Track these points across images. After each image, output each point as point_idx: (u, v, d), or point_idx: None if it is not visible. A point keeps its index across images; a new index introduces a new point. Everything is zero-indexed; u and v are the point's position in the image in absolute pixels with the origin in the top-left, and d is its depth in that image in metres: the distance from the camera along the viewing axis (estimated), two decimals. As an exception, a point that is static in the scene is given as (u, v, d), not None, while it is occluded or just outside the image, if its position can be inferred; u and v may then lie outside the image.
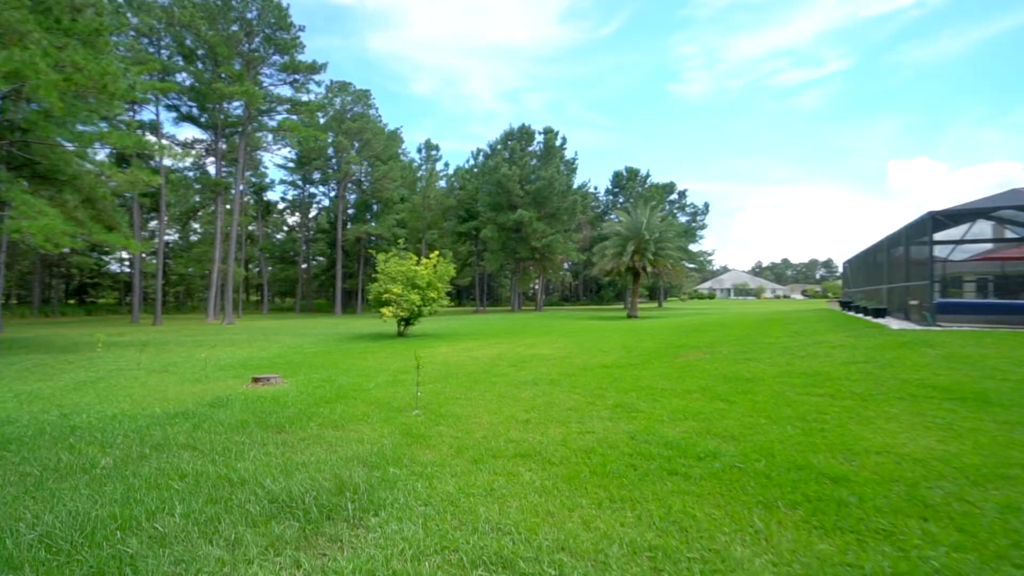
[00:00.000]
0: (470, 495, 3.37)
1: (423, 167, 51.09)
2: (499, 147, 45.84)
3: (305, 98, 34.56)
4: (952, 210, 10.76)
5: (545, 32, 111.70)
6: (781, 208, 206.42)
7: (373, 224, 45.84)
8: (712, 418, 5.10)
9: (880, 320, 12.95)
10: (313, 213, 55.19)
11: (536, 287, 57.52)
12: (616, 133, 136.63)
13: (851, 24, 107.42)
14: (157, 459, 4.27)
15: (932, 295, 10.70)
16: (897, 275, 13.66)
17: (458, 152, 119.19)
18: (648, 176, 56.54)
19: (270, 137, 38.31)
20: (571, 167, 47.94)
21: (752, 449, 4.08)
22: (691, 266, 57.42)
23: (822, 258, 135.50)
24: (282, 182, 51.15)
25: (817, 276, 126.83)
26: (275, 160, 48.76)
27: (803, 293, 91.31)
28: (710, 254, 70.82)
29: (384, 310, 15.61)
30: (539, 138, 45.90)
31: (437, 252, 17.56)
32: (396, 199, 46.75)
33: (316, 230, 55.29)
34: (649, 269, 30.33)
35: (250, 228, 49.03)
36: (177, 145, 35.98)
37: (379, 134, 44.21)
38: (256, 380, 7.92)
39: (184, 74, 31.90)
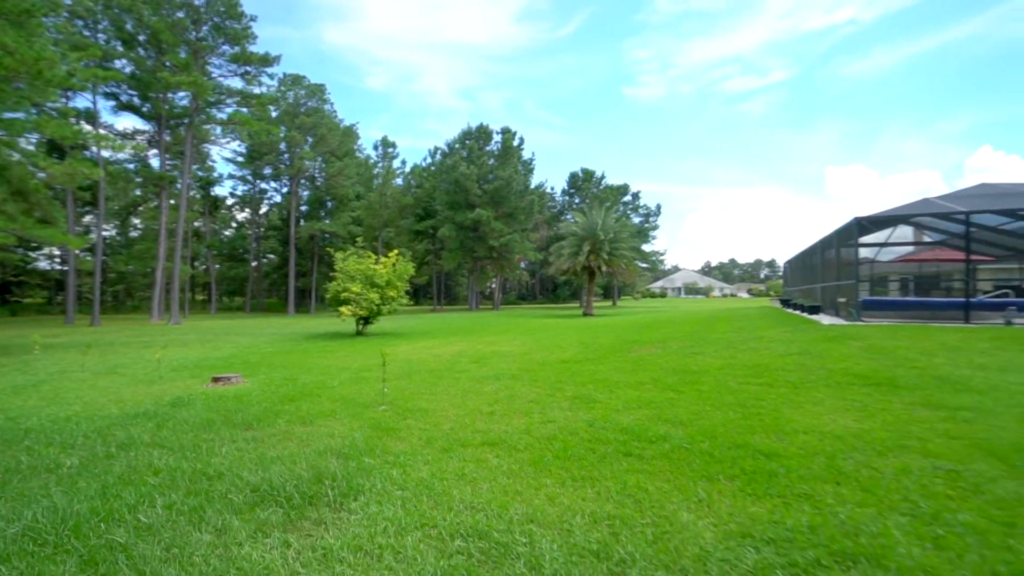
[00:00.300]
0: (443, 479, 3.63)
1: (380, 164, 50.37)
2: (457, 146, 45.86)
3: (257, 91, 33.44)
4: (875, 216, 11.81)
5: (503, 31, 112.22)
6: (729, 210, 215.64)
7: (327, 221, 44.91)
8: (663, 406, 5.53)
9: (814, 316, 13.99)
10: (264, 209, 53.40)
11: (493, 286, 57.87)
12: (572, 134, 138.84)
13: (793, 36, 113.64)
14: (126, 457, 4.29)
15: (858, 293, 11.71)
16: (829, 275, 14.79)
17: (415, 149, 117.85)
18: (603, 177, 57.97)
19: (219, 130, 36.81)
20: (528, 167, 48.53)
21: (698, 432, 4.51)
22: (644, 266, 59.19)
23: (766, 258, 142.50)
24: (231, 177, 48.99)
25: (762, 275, 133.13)
26: (224, 154, 46.85)
27: (749, 292, 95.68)
28: (662, 254, 73.34)
29: (343, 309, 15.49)
30: (497, 138, 46.22)
31: (396, 251, 17.54)
32: (351, 196, 45.93)
33: (267, 227, 53.50)
34: (604, 268, 31.21)
35: (196, 224, 46.95)
36: (116, 135, 34.08)
37: (334, 130, 43.34)
38: (216, 380, 7.84)
39: (124, 61, 30.28)
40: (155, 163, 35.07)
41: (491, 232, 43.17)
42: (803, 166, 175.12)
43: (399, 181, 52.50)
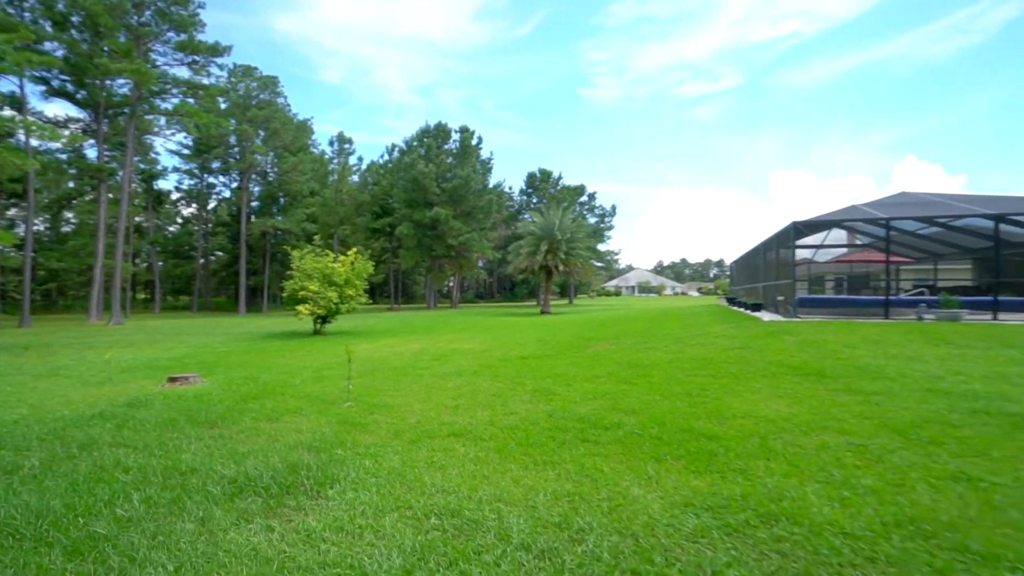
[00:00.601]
0: (414, 467, 3.85)
1: (335, 160, 49.35)
2: (415, 144, 45.52)
3: (207, 81, 32.10)
4: (810, 221, 12.75)
5: (460, 28, 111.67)
6: (681, 211, 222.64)
7: (280, 218, 43.61)
8: (617, 397, 5.93)
9: (756, 313, 14.92)
10: (212, 205, 51.29)
11: (451, 284, 57.77)
12: (530, 134, 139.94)
13: (741, 46, 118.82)
14: (90, 457, 4.28)
15: (794, 292, 12.62)
16: (770, 275, 15.79)
17: (371, 145, 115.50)
18: (560, 178, 58.89)
19: (163, 121, 35.16)
20: (487, 167, 48.72)
21: (648, 419, 4.91)
22: (599, 265, 60.63)
23: (715, 258, 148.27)
24: (176, 170, 46.77)
25: (711, 275, 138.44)
26: (168, 146, 44.47)
27: (699, 290, 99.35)
28: (617, 253, 75.31)
29: (300, 308, 15.28)
30: (455, 137, 46.19)
31: (355, 249, 17.41)
32: (306, 192, 44.79)
33: (216, 223, 51.38)
34: (561, 268, 31.88)
35: (138, 219, 44.57)
36: (46, 123, 31.94)
37: (288, 124, 42.14)
38: (173, 380, 7.71)
39: (54, 44, 28.38)
40: (91, 154, 33.11)
41: (449, 231, 43.15)
42: (750, 170, 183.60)
43: (355, 178, 51.61)
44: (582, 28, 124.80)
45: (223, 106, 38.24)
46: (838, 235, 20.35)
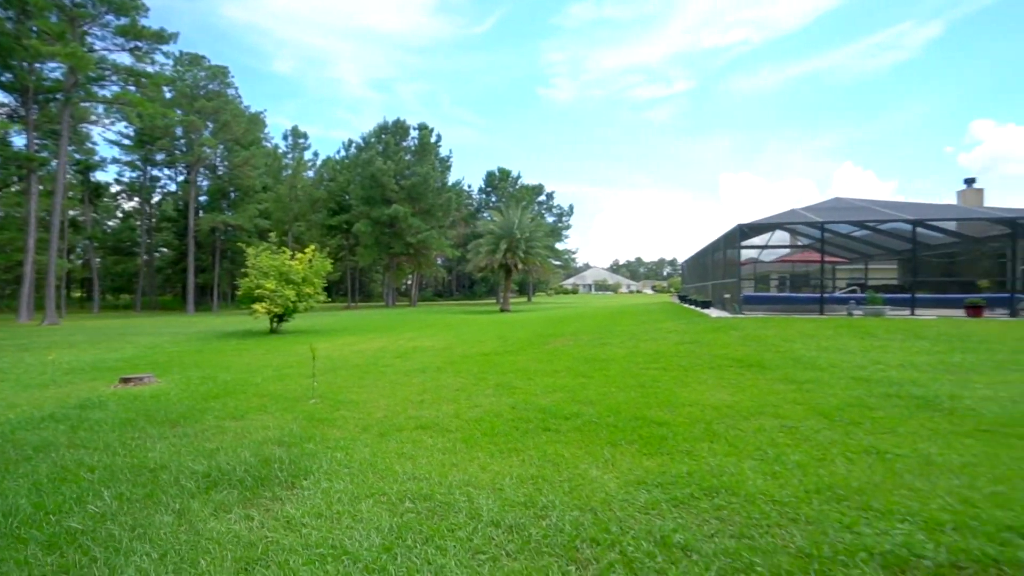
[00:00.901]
0: (385, 458, 4.03)
1: (290, 155, 47.93)
2: (373, 140, 44.83)
3: (150, 69, 30.54)
4: (754, 223, 13.56)
5: (418, 22, 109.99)
6: (636, 211, 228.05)
7: (231, 214, 42.00)
8: (576, 389, 6.26)
9: (705, 310, 15.70)
10: (157, 199, 48.71)
11: (410, 282, 57.23)
12: (488, 132, 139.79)
13: (694, 51, 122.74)
14: (48, 459, 4.22)
15: (740, 290, 13.39)
16: (718, 274, 16.64)
17: (325, 139, 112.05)
18: (519, 177, 59.32)
19: (101, 109, 33.18)
20: (445, 164, 48.54)
21: (605, 409, 5.25)
22: (557, 264, 61.40)
23: (669, 257, 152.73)
24: (116, 161, 43.97)
25: (665, 273, 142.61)
26: (107, 136, 41.75)
27: (653, 288, 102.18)
28: (574, 252, 76.53)
29: (256, 306, 14.94)
30: (414, 134, 45.80)
31: (313, 246, 17.14)
32: (258, 188, 43.30)
33: (161, 218, 48.88)
34: (520, 266, 32.28)
35: (73, 213, 41.88)
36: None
37: (239, 116, 40.58)
38: (126, 380, 7.50)
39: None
40: (19, 142, 30.95)
41: (408, 228, 42.77)
42: (701, 171, 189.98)
43: (310, 173, 50.31)
44: (541, 28, 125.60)
45: (168, 96, 36.46)
46: (781, 236, 21.60)
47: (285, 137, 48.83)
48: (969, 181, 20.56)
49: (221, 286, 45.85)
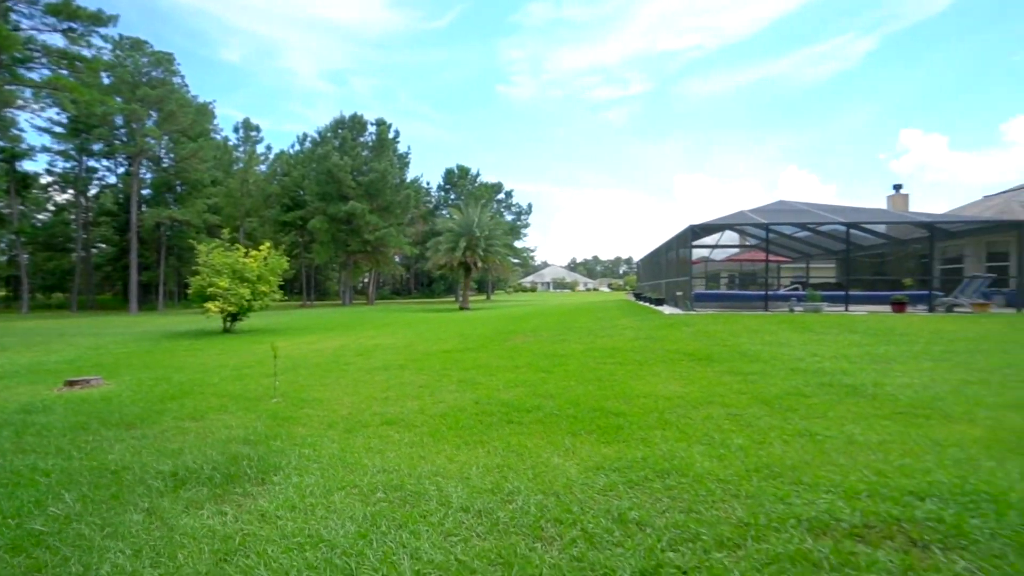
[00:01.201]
0: (353, 453, 4.12)
1: (241, 148, 46.16)
2: (329, 135, 43.83)
3: (86, 52, 28.75)
4: (704, 224, 14.24)
5: (374, 14, 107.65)
6: (594, 210, 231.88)
7: (177, 208, 40.07)
8: (536, 384, 6.50)
9: (659, 307, 16.34)
10: (94, 191, 45.83)
11: (367, 280, 56.31)
12: (447, 128, 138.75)
13: (650, 54, 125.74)
14: (-4, 463, 4.08)
15: (691, 288, 14.04)
16: (671, 272, 17.32)
17: (278, 132, 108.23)
18: (478, 175, 59.38)
19: (29, 93, 30.95)
20: (404, 161, 48.06)
21: (565, 402, 5.50)
22: (516, 262, 61.84)
23: (625, 255, 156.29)
24: (46, 150, 41.01)
25: (621, 271, 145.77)
26: (36, 122, 38.87)
27: (609, 286, 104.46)
28: (533, 251, 77.16)
29: (209, 305, 14.45)
30: (371, 129, 45.12)
31: (268, 243, 16.72)
32: (207, 182, 41.44)
33: (99, 212, 45.97)
34: (480, 264, 32.41)
35: (-2, 206, 38.90)
36: None
37: (186, 106, 38.69)
38: (71, 383, 7.19)
39: None
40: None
41: (366, 225, 42.11)
42: (657, 172, 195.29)
43: (263, 167, 48.62)
44: (500, 25, 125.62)
45: (107, 82, 34.42)
46: (731, 236, 22.64)
47: (236, 129, 47.08)
48: (897, 187, 22.18)
49: (167, 284, 43.71)
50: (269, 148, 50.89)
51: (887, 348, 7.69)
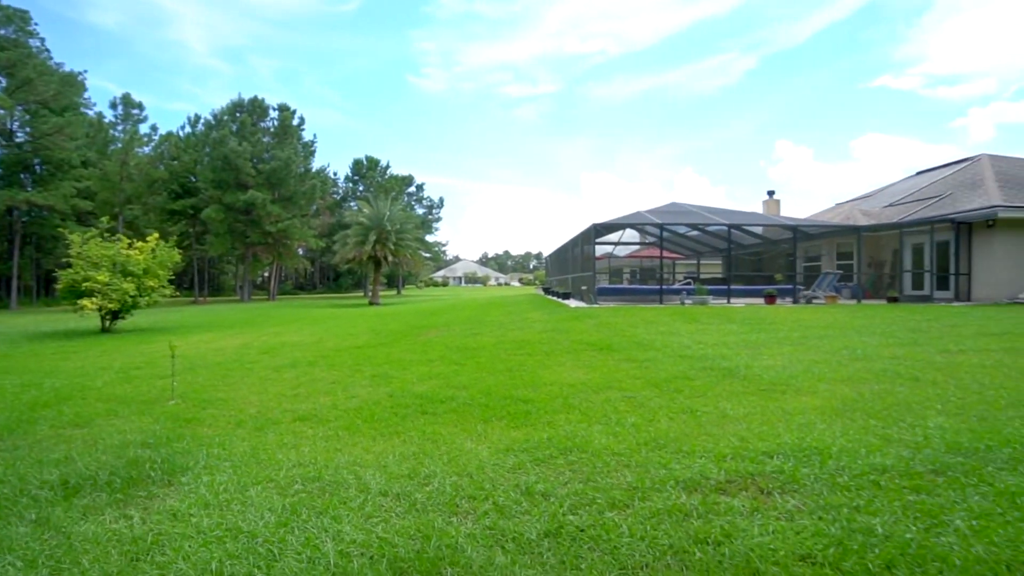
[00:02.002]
0: (266, 449, 4.10)
1: (120, 126, 41.18)
2: (226, 118, 40.52)
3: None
4: (606, 223, 15.19)
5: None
6: (504, 205, 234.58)
7: (32, 190, 34.95)
8: (449, 376, 6.71)
9: (566, 301, 17.17)
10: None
11: (268, 275, 52.92)
12: (356, 117, 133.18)
13: (559, 56, 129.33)
14: None
15: (595, 283, 14.93)
16: (577, 267, 18.25)
17: (164, 111, 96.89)
18: (388, 167, 57.96)
19: None
20: (309, 149, 45.70)
21: (477, 392, 5.77)
22: (428, 256, 61.24)
23: (535, 251, 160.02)
24: None
25: (531, 266, 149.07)
26: None
27: (520, 281, 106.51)
28: (444, 245, 76.94)
29: (84, 302, 12.94)
30: (274, 114, 42.39)
31: (157, 234, 15.27)
32: (76, 162, 36.43)
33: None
34: (390, 259, 31.83)
35: None
36: None
37: (46, 74, 33.65)
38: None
39: None
40: None
41: (267, 216, 39.55)
42: (565, 170, 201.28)
43: (147, 149, 43.77)
44: (412, 16, 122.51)
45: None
46: (632, 234, 24.20)
47: (114, 105, 41.77)
48: (770, 193, 24.94)
49: (24, 278, 38.07)
50: (155, 128, 45.84)
51: (758, 335, 8.81)
